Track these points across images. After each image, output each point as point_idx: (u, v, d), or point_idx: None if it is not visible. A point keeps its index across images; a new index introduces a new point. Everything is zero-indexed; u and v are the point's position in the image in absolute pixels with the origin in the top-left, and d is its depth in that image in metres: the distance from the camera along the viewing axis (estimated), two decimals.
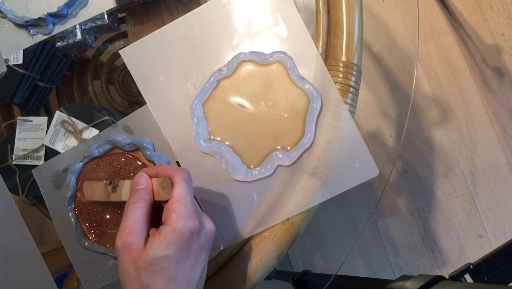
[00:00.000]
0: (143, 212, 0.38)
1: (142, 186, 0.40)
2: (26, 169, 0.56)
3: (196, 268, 0.38)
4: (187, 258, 0.37)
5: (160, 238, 0.36)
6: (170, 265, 0.36)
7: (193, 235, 0.37)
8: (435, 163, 1.16)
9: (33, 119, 0.57)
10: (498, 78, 1.16)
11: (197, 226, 0.37)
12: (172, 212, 0.37)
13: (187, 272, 0.37)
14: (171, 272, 0.36)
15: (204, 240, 0.38)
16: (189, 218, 0.37)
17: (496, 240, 1.14)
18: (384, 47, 1.18)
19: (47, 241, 0.61)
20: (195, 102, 0.49)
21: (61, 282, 0.62)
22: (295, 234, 0.47)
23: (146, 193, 0.40)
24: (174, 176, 0.39)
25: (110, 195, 0.44)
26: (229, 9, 0.50)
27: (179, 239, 0.36)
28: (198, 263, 0.38)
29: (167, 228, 0.37)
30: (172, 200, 0.38)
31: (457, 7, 1.18)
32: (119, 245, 0.37)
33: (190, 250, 0.37)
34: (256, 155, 0.48)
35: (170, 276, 0.36)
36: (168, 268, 0.36)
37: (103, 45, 0.67)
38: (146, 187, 0.40)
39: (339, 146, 0.47)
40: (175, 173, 0.39)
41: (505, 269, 0.47)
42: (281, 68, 0.48)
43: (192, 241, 0.37)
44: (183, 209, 0.37)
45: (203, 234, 0.38)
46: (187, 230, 0.37)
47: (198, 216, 0.38)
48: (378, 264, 1.16)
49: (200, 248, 0.38)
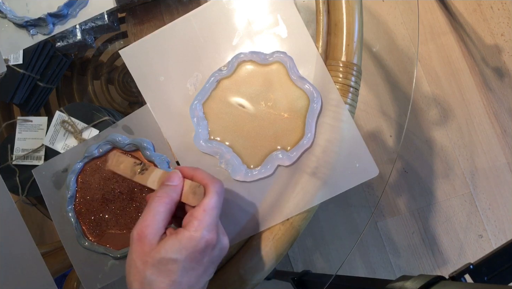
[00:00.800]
0: (166, 208, 0.38)
1: (173, 182, 0.39)
2: (26, 169, 0.56)
3: (201, 280, 0.38)
4: (195, 268, 0.37)
5: (175, 240, 0.36)
6: (177, 269, 0.36)
7: (208, 248, 0.37)
8: (435, 163, 1.16)
9: (33, 119, 0.57)
10: (498, 78, 1.16)
11: (214, 240, 0.37)
12: (194, 219, 0.37)
13: (192, 282, 0.37)
14: (176, 276, 0.36)
15: (216, 255, 0.38)
16: (209, 231, 0.37)
17: (496, 240, 1.14)
18: (384, 47, 1.18)
19: (47, 241, 0.61)
20: (195, 102, 0.49)
21: (61, 282, 0.62)
22: (295, 234, 0.47)
23: (175, 191, 0.39)
24: (209, 185, 0.39)
25: (135, 174, 0.43)
26: (229, 9, 0.50)
27: (193, 247, 0.36)
28: (204, 276, 0.38)
29: (184, 233, 0.36)
30: (199, 207, 0.38)
31: (457, 7, 1.18)
32: (134, 236, 0.37)
33: (201, 261, 0.37)
34: (256, 155, 0.48)
35: (174, 281, 0.36)
36: (174, 272, 0.36)
37: (103, 45, 0.67)
38: (177, 186, 0.39)
39: (339, 146, 0.47)
40: (210, 182, 0.39)
41: (505, 269, 0.47)
42: (281, 68, 0.48)
43: (205, 254, 0.37)
44: (206, 220, 0.37)
45: (217, 249, 0.38)
46: (203, 241, 0.36)
47: (217, 231, 0.38)
48: (378, 264, 1.16)
49: (210, 261, 0.38)
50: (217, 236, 0.38)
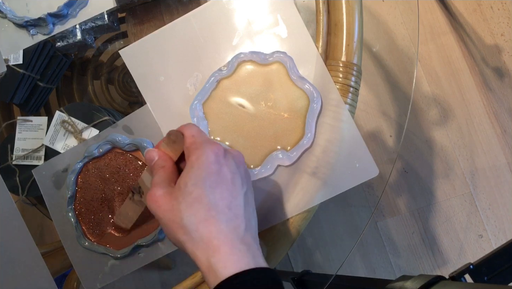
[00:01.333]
0: (167, 172, 0.37)
1: (154, 158, 0.39)
2: (26, 169, 0.56)
3: (236, 194, 0.36)
4: (220, 182, 0.35)
5: (186, 169, 0.35)
6: (204, 191, 0.34)
7: (219, 156, 0.36)
8: (435, 163, 1.16)
9: (33, 119, 0.57)
10: (498, 78, 1.16)
11: (220, 148, 0.36)
12: (190, 147, 0.36)
13: (226, 198, 0.35)
14: (207, 198, 0.34)
15: (234, 164, 0.37)
16: (210, 143, 0.36)
17: (496, 240, 1.14)
18: (384, 47, 1.18)
19: (47, 241, 0.61)
20: (195, 102, 0.49)
21: (61, 282, 0.62)
22: (295, 234, 0.47)
23: (163, 161, 0.38)
24: (181, 127, 0.38)
25: (142, 201, 0.43)
26: (229, 9, 0.50)
27: (204, 163, 0.35)
28: (236, 189, 0.36)
29: (191, 159, 0.35)
30: (186, 141, 0.37)
31: (457, 7, 1.18)
32: (150, 204, 0.36)
33: (221, 173, 0.35)
34: (256, 155, 0.48)
35: (208, 203, 0.34)
36: (203, 195, 0.34)
37: (103, 45, 0.67)
38: (159, 157, 0.39)
39: (339, 146, 0.47)
40: (181, 126, 0.39)
41: (505, 269, 0.47)
42: (281, 68, 0.48)
43: (219, 164, 0.35)
44: (200, 140, 0.36)
45: (230, 157, 0.37)
46: (210, 152, 0.35)
47: (216, 143, 0.37)
48: (378, 264, 1.16)
49: (232, 172, 0.36)
50: (219, 145, 0.37)
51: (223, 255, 0.33)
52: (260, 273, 0.34)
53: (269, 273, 0.34)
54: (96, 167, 0.52)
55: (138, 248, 0.50)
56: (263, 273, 0.34)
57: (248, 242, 0.35)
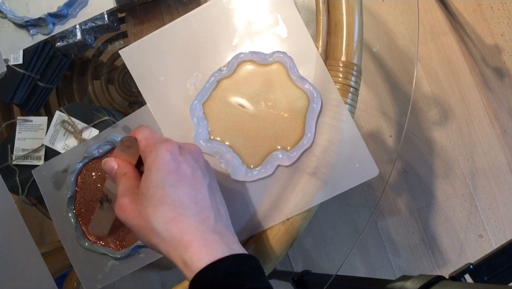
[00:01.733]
0: (130, 179, 0.37)
1: (114, 168, 0.39)
2: (26, 169, 0.56)
3: (199, 187, 0.36)
4: (181, 179, 0.35)
5: (145, 173, 0.35)
6: (166, 191, 0.34)
7: (174, 154, 0.36)
8: (435, 163, 1.16)
9: (33, 119, 0.57)
10: (498, 78, 1.16)
11: (174, 145, 0.36)
12: (145, 150, 0.36)
13: (190, 193, 0.35)
14: (171, 197, 0.34)
15: (191, 158, 0.37)
16: (163, 143, 0.36)
17: (496, 240, 1.14)
18: (384, 47, 1.18)
19: (47, 241, 0.61)
20: (195, 102, 0.49)
21: (61, 282, 0.62)
22: (295, 234, 0.47)
23: (123, 168, 0.38)
24: (133, 131, 0.38)
25: (112, 208, 0.43)
26: (229, 9, 0.50)
27: (161, 164, 0.35)
28: (199, 182, 0.36)
29: (147, 162, 0.36)
30: (140, 144, 0.37)
31: (457, 7, 1.18)
32: (118, 214, 0.36)
33: (180, 170, 0.35)
34: (256, 155, 0.48)
35: (173, 202, 0.34)
36: (166, 195, 0.34)
37: (103, 45, 0.67)
38: (118, 165, 0.38)
39: (339, 146, 0.47)
40: (133, 130, 0.39)
41: (505, 269, 0.47)
42: (281, 68, 0.48)
43: (177, 161, 0.35)
44: (153, 141, 0.36)
45: (187, 152, 0.37)
46: (164, 152, 0.35)
47: (170, 140, 0.37)
48: (378, 264, 1.16)
49: (191, 167, 0.36)
50: (175, 142, 0.36)
51: (196, 248, 0.33)
52: (237, 259, 0.34)
53: (246, 259, 0.34)
54: (96, 168, 0.52)
55: (138, 249, 0.50)
56: (239, 259, 0.34)
57: (220, 231, 0.35)
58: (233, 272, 0.33)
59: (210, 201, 0.36)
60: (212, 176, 0.39)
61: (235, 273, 0.33)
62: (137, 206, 0.36)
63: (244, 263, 0.34)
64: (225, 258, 0.33)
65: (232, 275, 0.33)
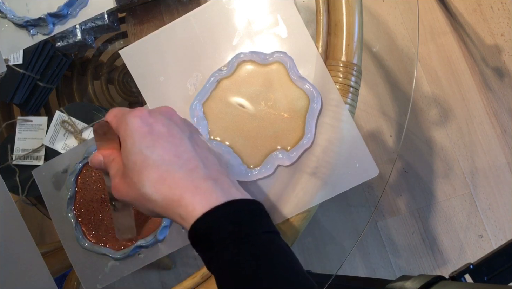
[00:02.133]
0: (118, 162, 0.37)
1: (101, 160, 0.38)
2: (26, 169, 0.56)
3: (178, 142, 0.35)
4: (156, 139, 0.34)
5: (122, 146, 0.35)
6: (145, 154, 0.34)
7: (144, 118, 0.35)
8: (435, 163, 1.16)
9: (33, 119, 0.57)
10: (498, 78, 1.16)
11: (142, 110, 0.35)
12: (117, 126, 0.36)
13: (170, 149, 0.34)
14: (151, 159, 0.33)
15: (163, 118, 0.36)
16: (131, 111, 0.35)
17: (496, 240, 1.14)
18: (384, 47, 1.18)
19: (47, 241, 0.61)
20: (195, 102, 0.49)
21: (61, 282, 0.62)
22: (295, 234, 0.47)
23: (109, 157, 0.38)
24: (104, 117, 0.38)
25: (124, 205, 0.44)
26: (229, 9, 0.50)
27: (132, 130, 0.34)
28: (177, 137, 0.35)
29: (121, 134, 0.35)
30: (112, 124, 0.37)
31: (457, 7, 1.18)
32: (115, 195, 0.36)
33: (154, 131, 0.35)
34: (256, 155, 0.48)
35: (154, 162, 0.33)
36: (145, 158, 0.33)
37: (103, 45, 0.67)
38: (104, 156, 0.38)
39: (339, 146, 0.47)
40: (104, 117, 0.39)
41: (505, 269, 0.47)
42: (281, 68, 0.48)
43: (148, 124, 0.35)
44: (121, 114, 0.36)
45: (157, 114, 0.36)
46: (133, 119, 0.34)
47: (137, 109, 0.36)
48: (378, 264, 1.16)
49: (165, 125, 0.35)
50: (141, 108, 0.36)
51: (188, 200, 0.32)
52: (235, 204, 0.32)
53: (245, 203, 0.33)
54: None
55: (138, 249, 0.50)
56: (238, 204, 0.32)
57: (213, 177, 0.34)
58: (231, 219, 0.31)
59: (194, 151, 0.35)
60: (192, 129, 0.38)
61: (233, 219, 0.31)
62: (126, 180, 0.35)
63: (243, 208, 0.32)
64: (222, 205, 0.31)
65: (230, 222, 0.31)
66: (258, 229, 0.32)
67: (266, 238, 0.32)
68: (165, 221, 0.49)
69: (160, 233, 0.49)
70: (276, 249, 0.32)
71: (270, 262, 0.30)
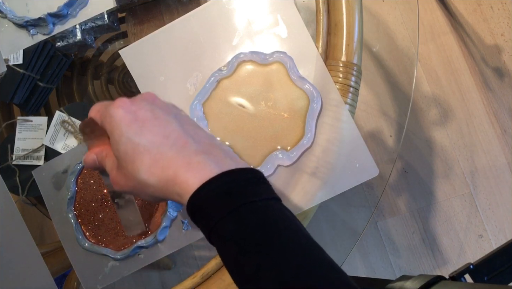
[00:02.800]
0: (111, 156, 0.37)
1: (94, 159, 0.38)
2: (26, 169, 0.56)
3: (165, 123, 0.35)
4: (142, 125, 0.34)
5: (110, 139, 0.35)
6: (134, 142, 0.34)
7: (126, 107, 0.35)
8: (435, 163, 1.16)
9: (33, 119, 0.57)
10: (498, 78, 1.16)
11: (123, 100, 0.35)
12: (102, 121, 0.36)
13: (158, 132, 0.34)
14: (141, 145, 0.33)
15: (145, 103, 0.36)
16: (112, 103, 0.35)
17: (496, 240, 1.14)
18: (384, 47, 1.18)
19: (47, 241, 0.61)
20: (195, 102, 0.49)
21: (61, 282, 0.62)
22: None
23: (101, 154, 0.38)
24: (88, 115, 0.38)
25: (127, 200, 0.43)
26: (229, 9, 0.50)
27: (117, 121, 0.34)
28: (163, 119, 0.35)
29: (107, 128, 0.35)
30: (97, 120, 0.37)
31: (457, 7, 1.18)
32: (116, 188, 0.36)
33: (138, 118, 0.34)
34: (256, 155, 0.48)
35: (144, 148, 0.33)
36: (135, 146, 0.33)
37: (103, 45, 0.67)
38: (96, 154, 0.38)
39: (339, 146, 0.47)
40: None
41: (505, 269, 0.47)
42: (281, 68, 0.48)
43: (131, 112, 0.35)
44: (104, 108, 0.36)
45: (138, 100, 0.36)
46: (115, 110, 0.34)
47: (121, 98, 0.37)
48: (378, 264, 1.16)
49: (148, 110, 0.35)
50: (122, 98, 0.36)
51: (182, 176, 0.32)
52: (230, 175, 0.32)
53: (240, 173, 0.32)
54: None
55: (138, 249, 0.50)
56: (233, 174, 0.32)
57: (205, 150, 0.34)
58: (225, 189, 0.31)
59: (182, 129, 0.35)
60: (177, 110, 0.38)
61: (227, 190, 0.31)
62: (121, 171, 0.35)
63: (237, 177, 0.32)
64: (215, 177, 0.31)
65: (224, 193, 0.31)
66: (254, 197, 0.31)
67: (263, 205, 0.31)
68: (165, 222, 0.49)
69: (160, 233, 0.49)
70: (276, 215, 0.32)
71: (269, 228, 0.30)
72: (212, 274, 0.49)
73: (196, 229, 0.46)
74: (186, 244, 0.49)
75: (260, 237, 0.30)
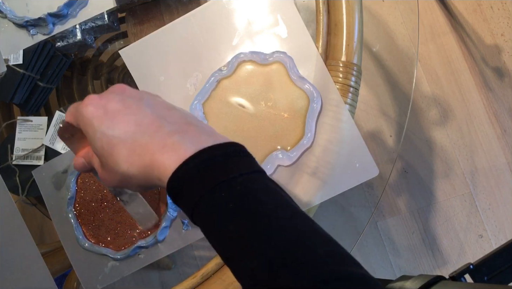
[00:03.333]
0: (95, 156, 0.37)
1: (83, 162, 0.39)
2: (26, 169, 0.56)
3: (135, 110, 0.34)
4: (113, 117, 0.34)
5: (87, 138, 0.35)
6: (108, 135, 0.33)
7: (95, 102, 0.34)
8: (435, 163, 1.16)
9: (33, 119, 0.57)
10: (498, 78, 1.16)
11: (92, 96, 0.35)
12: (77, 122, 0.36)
13: (129, 121, 0.34)
14: (116, 138, 0.33)
15: (115, 95, 0.35)
16: (81, 102, 0.35)
17: (496, 240, 1.14)
18: (384, 47, 1.18)
19: (47, 241, 0.61)
20: (195, 102, 0.49)
21: (61, 282, 0.62)
22: None
23: (88, 155, 0.38)
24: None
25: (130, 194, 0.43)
26: (229, 9, 0.50)
27: (89, 118, 0.34)
28: (133, 107, 0.34)
29: (83, 128, 0.35)
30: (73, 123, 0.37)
31: (457, 7, 1.18)
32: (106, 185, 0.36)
33: (108, 110, 0.34)
34: (256, 155, 0.48)
35: (119, 140, 0.33)
36: (110, 139, 0.33)
37: (103, 45, 0.67)
38: (83, 156, 0.38)
39: (339, 146, 0.47)
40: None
41: (505, 269, 0.47)
42: (281, 68, 0.48)
43: (100, 106, 0.34)
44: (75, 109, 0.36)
45: (107, 94, 0.36)
46: (85, 108, 0.34)
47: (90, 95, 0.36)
48: (378, 264, 1.16)
49: (118, 101, 0.35)
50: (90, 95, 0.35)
51: (159, 160, 0.31)
52: (207, 152, 0.31)
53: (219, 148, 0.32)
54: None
55: (138, 249, 0.50)
56: (210, 151, 0.31)
57: (180, 130, 0.33)
58: (203, 167, 0.30)
59: (154, 113, 0.34)
60: (148, 96, 0.37)
61: (205, 168, 0.30)
62: (105, 168, 0.35)
63: (215, 153, 0.31)
64: (192, 156, 0.31)
65: (202, 171, 0.30)
66: (234, 172, 0.31)
67: (244, 179, 0.31)
68: (165, 222, 0.49)
69: (160, 233, 0.49)
70: (258, 188, 0.31)
71: (249, 203, 0.30)
72: (212, 274, 0.49)
73: (196, 229, 0.46)
74: (186, 244, 0.49)
75: (241, 212, 0.29)
